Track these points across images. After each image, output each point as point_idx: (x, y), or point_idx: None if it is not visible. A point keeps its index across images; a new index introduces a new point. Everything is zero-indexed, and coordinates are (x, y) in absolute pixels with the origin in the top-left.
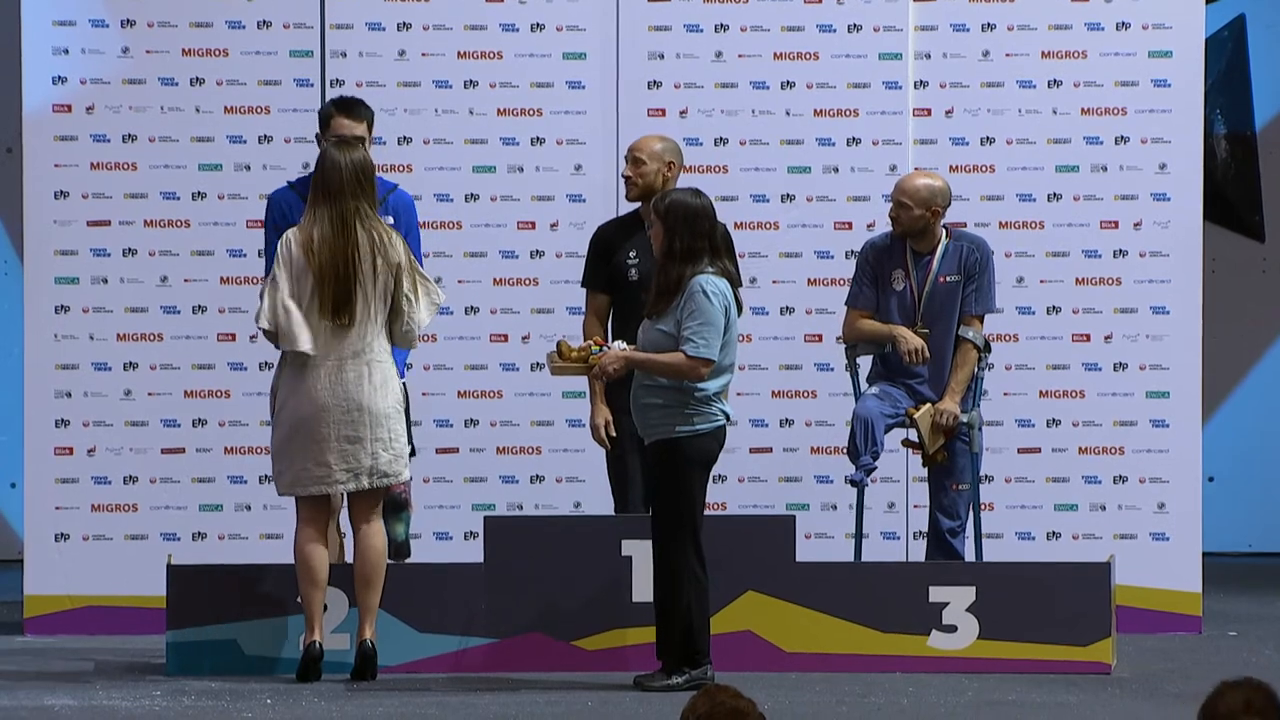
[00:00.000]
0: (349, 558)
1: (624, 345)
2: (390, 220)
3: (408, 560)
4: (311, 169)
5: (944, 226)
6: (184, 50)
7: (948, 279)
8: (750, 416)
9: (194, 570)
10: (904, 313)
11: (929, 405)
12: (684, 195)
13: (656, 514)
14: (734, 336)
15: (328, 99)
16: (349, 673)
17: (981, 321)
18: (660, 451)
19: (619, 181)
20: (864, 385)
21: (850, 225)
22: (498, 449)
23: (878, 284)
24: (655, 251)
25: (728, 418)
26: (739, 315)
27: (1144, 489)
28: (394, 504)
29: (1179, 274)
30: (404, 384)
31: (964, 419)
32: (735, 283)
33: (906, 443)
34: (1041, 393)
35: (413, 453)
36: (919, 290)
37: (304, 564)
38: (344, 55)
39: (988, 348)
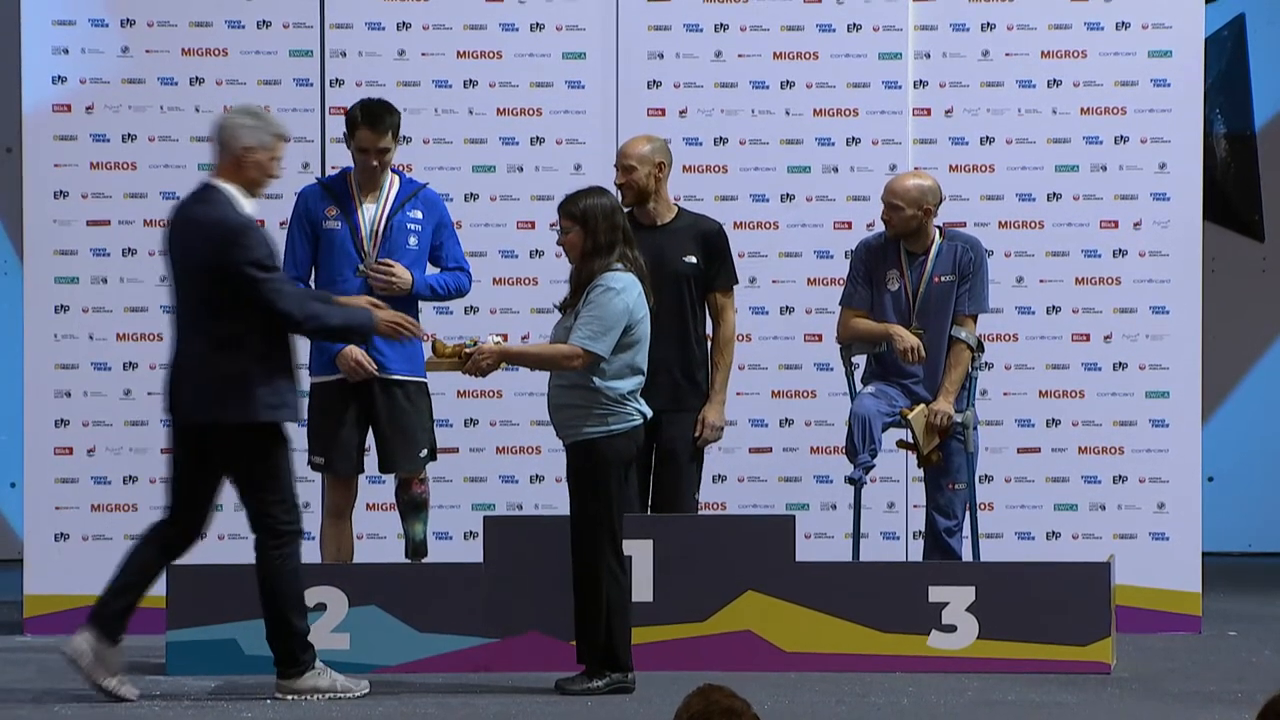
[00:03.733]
0: (357, 557)
1: (497, 339)
2: (419, 215)
3: (423, 560)
4: (312, 169)
5: (938, 226)
6: (184, 50)
7: (942, 279)
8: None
9: (193, 570)
10: (899, 313)
11: (923, 406)
12: (593, 195)
13: (574, 516)
14: (643, 334)
15: (357, 101)
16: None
17: (975, 321)
18: (576, 453)
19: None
20: (859, 385)
21: (850, 225)
22: (497, 449)
23: (872, 284)
24: (571, 255)
25: (644, 418)
26: (650, 306)
27: (1144, 489)
28: (414, 504)
29: (1179, 274)
30: (424, 382)
31: (958, 419)
32: (644, 278)
33: (902, 444)
34: (1041, 392)
35: (433, 456)
36: (914, 290)
37: None
38: (344, 55)
39: (980, 347)
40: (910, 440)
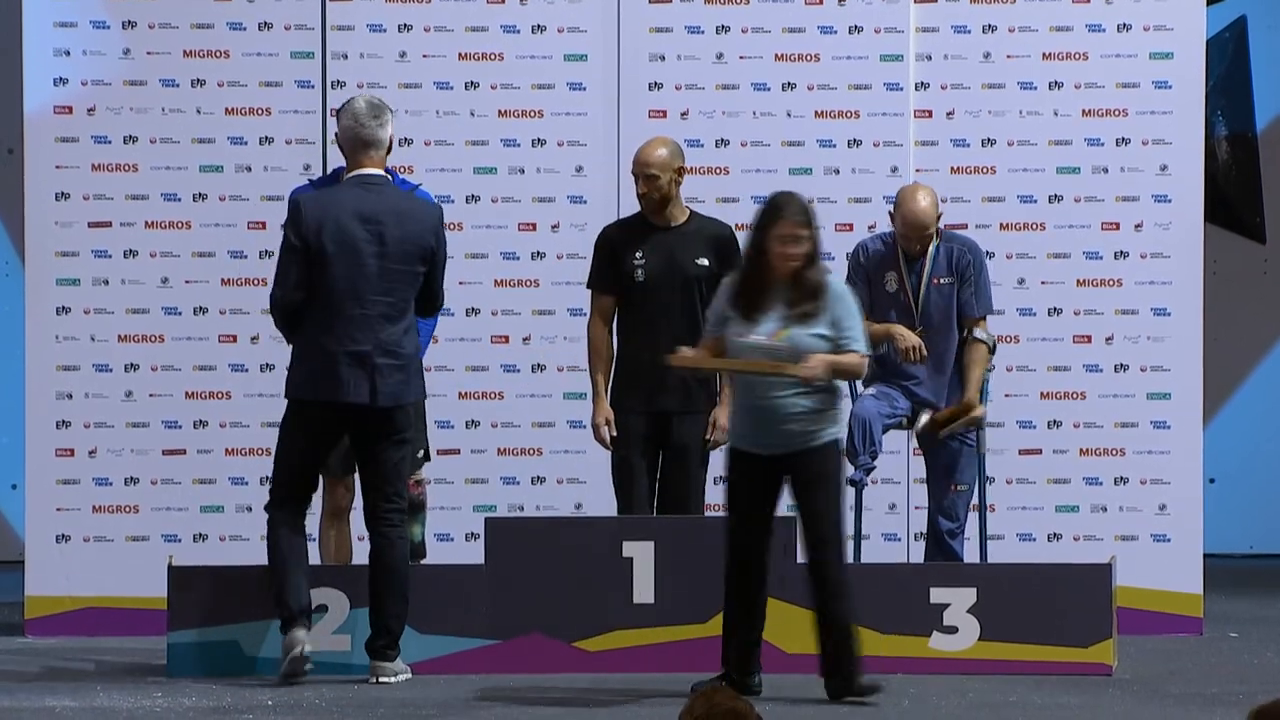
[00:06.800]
0: (356, 559)
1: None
2: None
3: (422, 562)
4: (314, 171)
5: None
6: (185, 52)
7: (941, 281)
8: None
9: (195, 571)
10: (900, 315)
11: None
12: (801, 197)
13: (820, 519)
14: None
15: (350, 98)
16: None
17: (985, 321)
18: (822, 456)
19: (620, 183)
20: (860, 386)
21: (851, 226)
22: (499, 450)
23: (871, 285)
24: (799, 257)
25: None
26: None
27: (1145, 490)
28: (411, 505)
29: (1180, 275)
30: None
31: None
32: None
33: (913, 423)
34: (1043, 394)
35: (427, 457)
36: (913, 292)
37: None
38: (345, 57)
39: (993, 348)
40: (926, 419)
